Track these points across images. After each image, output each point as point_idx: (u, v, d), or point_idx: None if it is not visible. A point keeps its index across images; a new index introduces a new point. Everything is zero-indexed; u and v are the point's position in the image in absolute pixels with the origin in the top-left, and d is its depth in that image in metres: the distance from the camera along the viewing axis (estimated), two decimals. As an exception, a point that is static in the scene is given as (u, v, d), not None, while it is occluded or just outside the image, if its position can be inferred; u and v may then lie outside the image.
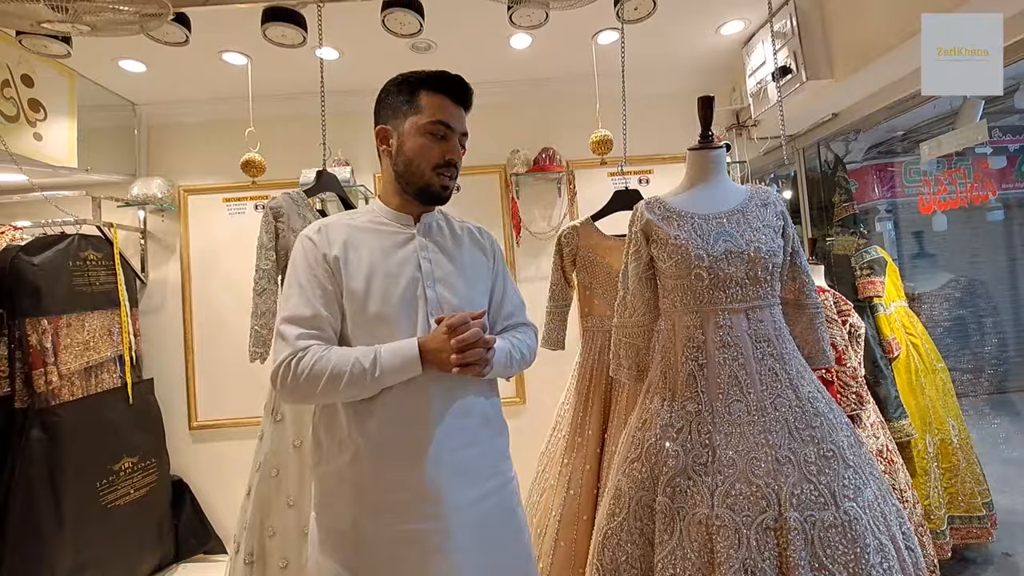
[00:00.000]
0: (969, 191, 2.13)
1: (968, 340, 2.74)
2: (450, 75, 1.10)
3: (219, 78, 2.44)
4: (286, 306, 1.00)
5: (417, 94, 1.07)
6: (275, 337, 1.00)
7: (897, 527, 1.15)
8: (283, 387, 0.97)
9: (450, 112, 1.08)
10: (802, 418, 1.14)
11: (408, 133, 1.06)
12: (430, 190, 1.07)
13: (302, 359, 0.95)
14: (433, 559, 0.97)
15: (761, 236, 1.22)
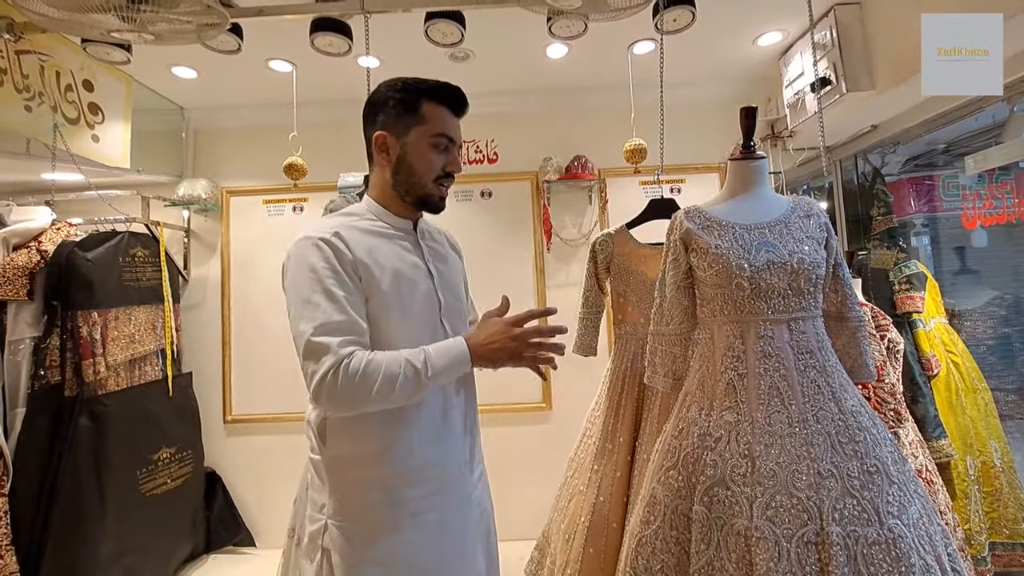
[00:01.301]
0: (1017, 206, 2.07)
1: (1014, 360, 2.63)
2: (451, 86, 1.10)
3: (265, 85, 2.53)
4: (314, 315, 0.92)
5: (419, 104, 1.06)
6: (307, 350, 0.91)
7: (943, 548, 1.12)
8: (332, 396, 0.91)
9: (451, 124, 1.09)
10: (845, 432, 1.13)
11: (412, 144, 1.05)
12: (430, 200, 1.09)
13: (349, 364, 0.91)
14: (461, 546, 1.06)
15: (804, 247, 1.22)
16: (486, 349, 0.99)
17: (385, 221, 1.09)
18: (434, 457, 1.04)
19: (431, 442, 1.04)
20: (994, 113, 2.27)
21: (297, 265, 0.97)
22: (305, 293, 0.94)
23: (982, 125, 2.60)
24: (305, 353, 0.92)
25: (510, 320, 1.01)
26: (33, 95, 1.97)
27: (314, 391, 0.91)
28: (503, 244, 2.71)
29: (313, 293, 0.94)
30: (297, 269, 0.97)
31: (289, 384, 2.59)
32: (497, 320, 1.03)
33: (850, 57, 2.05)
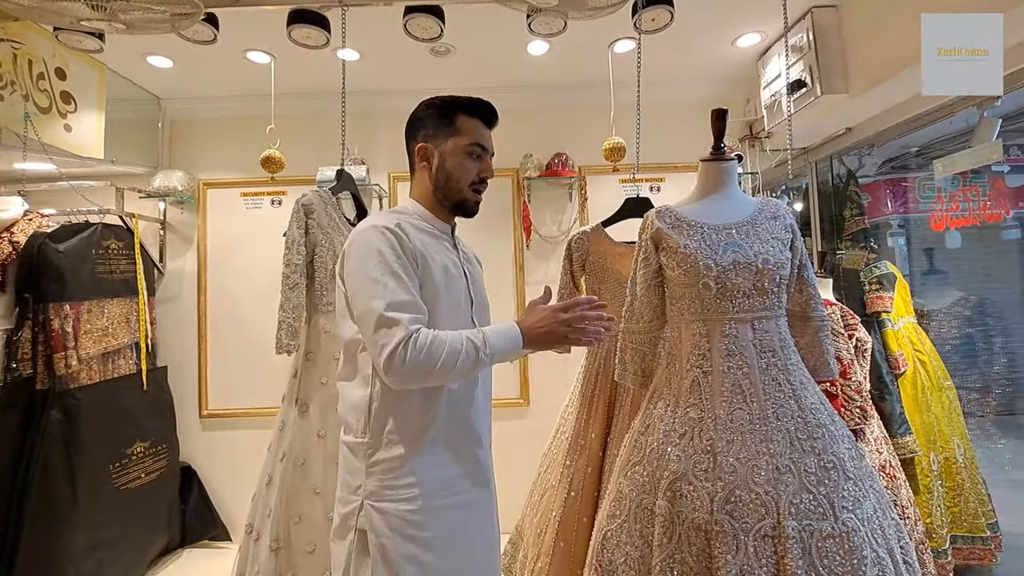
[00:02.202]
0: (982, 209, 2.13)
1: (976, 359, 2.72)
2: (484, 102, 1.20)
3: (242, 76, 2.50)
4: (384, 293, 1.00)
5: (456, 117, 1.16)
6: (379, 323, 0.98)
7: (896, 541, 1.16)
8: (401, 367, 0.97)
9: (484, 135, 1.19)
10: (804, 428, 1.16)
11: (450, 153, 1.15)
12: (466, 204, 1.19)
13: (417, 339, 0.98)
14: (485, 523, 1.16)
15: (769, 248, 1.24)
16: (536, 332, 1.08)
17: (429, 221, 1.18)
18: (468, 439, 1.14)
19: (465, 424, 1.13)
20: (967, 118, 2.32)
21: (364, 249, 1.05)
22: (374, 274, 1.02)
23: (956, 129, 2.66)
24: (376, 326, 0.99)
25: (558, 307, 1.10)
26: (5, 83, 1.93)
27: (385, 362, 0.97)
28: (483, 240, 2.70)
29: (382, 274, 1.02)
30: (364, 252, 1.04)
31: (266, 379, 2.58)
32: (544, 307, 1.11)
33: (826, 60, 2.09)
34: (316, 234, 1.82)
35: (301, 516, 1.77)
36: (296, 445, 1.81)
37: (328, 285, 1.85)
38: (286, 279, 1.78)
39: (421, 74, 2.57)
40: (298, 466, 1.80)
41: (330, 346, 1.84)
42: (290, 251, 1.78)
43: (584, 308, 1.09)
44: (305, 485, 1.79)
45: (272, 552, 1.70)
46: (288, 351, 1.80)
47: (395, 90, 2.70)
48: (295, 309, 1.79)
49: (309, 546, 1.76)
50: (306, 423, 1.83)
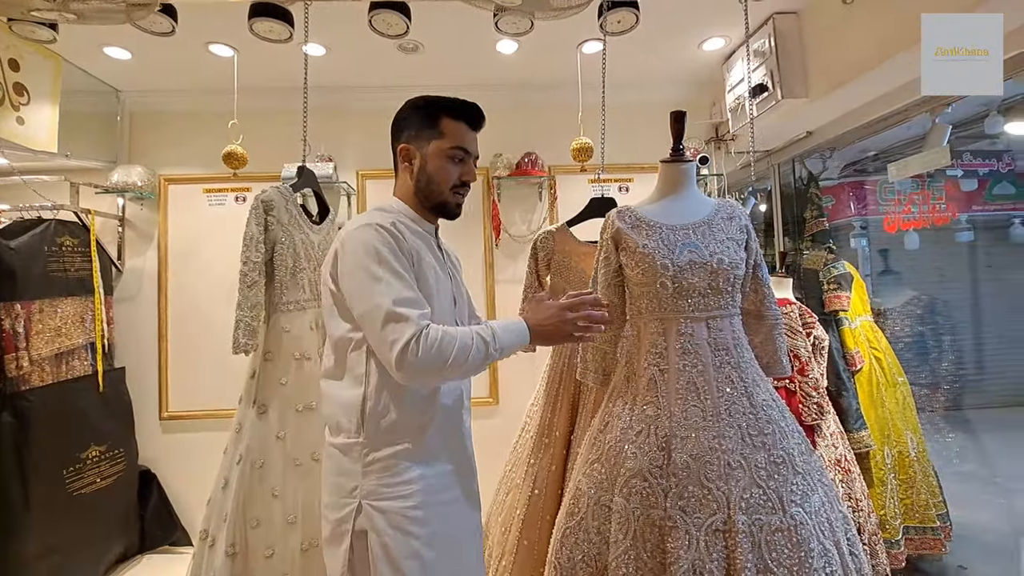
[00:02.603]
0: (931, 212, 2.22)
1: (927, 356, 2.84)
2: (469, 104, 1.19)
3: (205, 69, 2.44)
4: (389, 290, 0.99)
5: (439, 119, 1.15)
6: (387, 319, 0.97)
7: (842, 533, 1.19)
8: (414, 362, 0.96)
9: (468, 138, 1.17)
10: (755, 424, 1.18)
11: (432, 155, 1.14)
12: (447, 207, 1.18)
13: (428, 335, 0.98)
14: (472, 518, 1.17)
15: (724, 248, 1.27)
16: (543, 328, 1.10)
17: (415, 222, 1.17)
18: (458, 435, 1.16)
19: (455, 421, 1.16)
20: (923, 123, 2.40)
21: (361, 248, 1.03)
22: (376, 271, 1.01)
23: (914, 134, 2.75)
24: (384, 323, 0.98)
25: (564, 305, 1.12)
26: (-46, 74, 1.85)
27: (397, 358, 0.96)
28: (452, 239, 2.65)
29: (384, 272, 1.01)
30: (363, 251, 1.03)
31: (229, 380, 2.51)
32: (551, 304, 1.13)
33: (787, 65, 2.14)
34: (276, 231, 1.79)
35: (259, 520, 1.73)
36: (254, 447, 1.77)
37: (288, 284, 1.81)
38: (244, 277, 1.74)
39: (390, 71, 2.55)
40: (256, 468, 1.76)
41: (290, 346, 1.81)
42: (248, 248, 1.75)
43: (589, 308, 1.12)
44: (263, 488, 1.75)
45: (228, 557, 1.67)
46: (246, 351, 1.76)
47: (364, 86, 2.66)
48: (253, 308, 1.75)
49: (267, 550, 1.72)
50: (264, 424, 1.79)
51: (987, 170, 4.02)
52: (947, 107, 2.04)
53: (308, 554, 1.75)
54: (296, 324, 1.85)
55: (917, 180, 4.03)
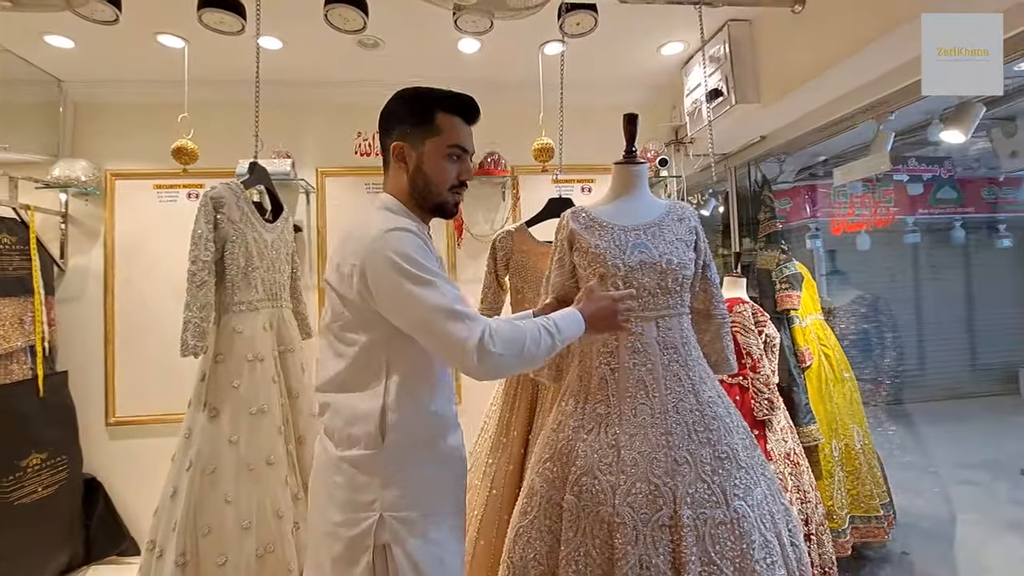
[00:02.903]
0: (874, 215, 2.33)
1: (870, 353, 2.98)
2: (464, 96, 1.13)
3: (153, 60, 2.35)
4: (442, 291, 0.98)
5: (434, 114, 1.09)
6: (452, 319, 0.96)
7: (784, 525, 1.23)
8: (490, 356, 0.96)
9: (465, 134, 1.13)
10: (701, 421, 1.21)
11: (428, 154, 1.09)
12: (445, 207, 1.14)
13: (496, 330, 0.98)
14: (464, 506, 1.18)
15: (673, 249, 1.29)
16: (596, 320, 1.13)
17: (417, 224, 1.13)
18: (458, 440, 1.16)
19: (455, 428, 1.15)
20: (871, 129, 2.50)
21: (397, 255, 0.98)
22: (422, 277, 0.98)
23: (865, 139, 2.87)
24: (450, 324, 0.96)
25: (616, 296, 1.16)
26: None
27: (476, 355, 0.95)
28: (415, 238, 2.68)
29: (428, 275, 0.98)
30: (399, 259, 0.98)
31: (179, 383, 2.43)
32: (605, 296, 1.16)
33: (740, 71, 2.19)
34: (226, 229, 1.73)
35: (211, 527, 1.68)
36: (205, 452, 1.72)
37: (240, 283, 1.76)
38: (193, 277, 1.69)
39: (349, 66, 2.50)
40: (207, 475, 1.70)
41: (242, 347, 1.76)
42: (197, 247, 1.69)
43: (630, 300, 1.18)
44: (215, 494, 1.70)
45: (178, 567, 1.61)
46: (195, 353, 1.70)
47: (322, 81, 2.61)
48: (203, 309, 1.69)
49: (220, 558, 1.67)
50: (216, 429, 1.73)
51: (930, 175, 4.23)
52: (890, 114, 2.13)
53: (264, 560, 1.71)
54: (248, 325, 1.80)
55: (867, 184, 4.22)
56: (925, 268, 5.20)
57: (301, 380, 1.95)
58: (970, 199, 4.96)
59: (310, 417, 1.93)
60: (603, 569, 1.13)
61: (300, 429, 1.92)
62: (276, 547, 1.73)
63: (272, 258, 1.86)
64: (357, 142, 2.75)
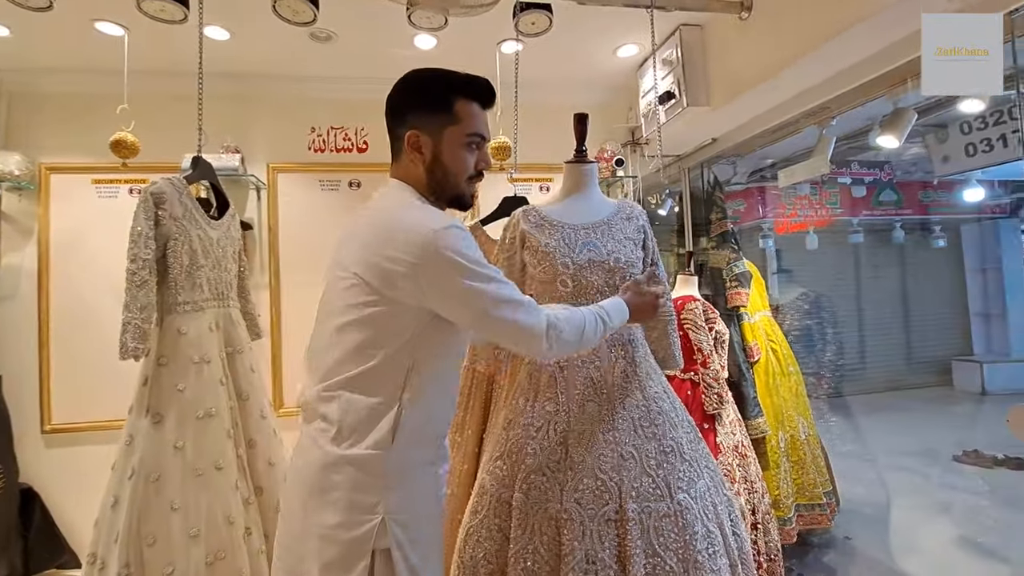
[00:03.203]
0: (814, 216, 2.44)
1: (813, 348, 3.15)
2: (481, 80, 1.08)
3: (92, 48, 2.24)
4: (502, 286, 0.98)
5: (452, 101, 1.04)
6: (519, 310, 0.97)
7: (726, 515, 1.28)
8: (558, 340, 1.01)
9: (482, 121, 1.08)
10: (647, 416, 1.24)
11: (447, 144, 1.04)
12: (463, 199, 1.10)
13: (556, 315, 1.02)
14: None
15: (621, 247, 1.32)
16: (638, 311, 1.18)
17: None
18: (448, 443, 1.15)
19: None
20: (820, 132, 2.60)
21: (459, 251, 0.94)
22: (482, 272, 0.96)
23: (811, 144, 3.00)
24: (520, 313, 0.98)
25: (659, 292, 1.23)
26: None
27: (547, 340, 0.99)
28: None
29: (487, 270, 0.97)
30: (462, 255, 0.95)
31: (120, 388, 2.31)
32: (650, 292, 1.22)
33: (692, 74, 2.25)
34: (168, 226, 1.67)
35: (156, 537, 1.62)
36: (148, 459, 1.65)
37: (184, 283, 1.70)
38: (132, 276, 1.62)
39: (301, 59, 2.45)
40: (151, 482, 1.64)
41: (187, 349, 1.70)
42: (136, 245, 1.62)
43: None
44: (160, 502, 1.63)
45: (123, 580, 1.55)
46: (135, 356, 1.63)
47: (274, 74, 2.54)
48: (143, 310, 1.63)
49: (167, 567, 1.61)
50: (160, 434, 1.67)
51: (872, 179, 4.46)
52: (832, 119, 2.23)
53: (214, 568, 1.66)
54: (193, 326, 1.73)
55: (815, 186, 4.41)
56: (868, 267, 5.48)
57: (251, 382, 1.89)
58: (909, 201, 5.26)
59: (260, 420, 1.89)
60: (551, 566, 1.14)
61: (250, 432, 1.87)
62: (227, 554, 1.68)
63: (218, 256, 1.80)
64: (311, 137, 2.69)
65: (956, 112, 3.02)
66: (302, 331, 2.57)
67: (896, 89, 1.80)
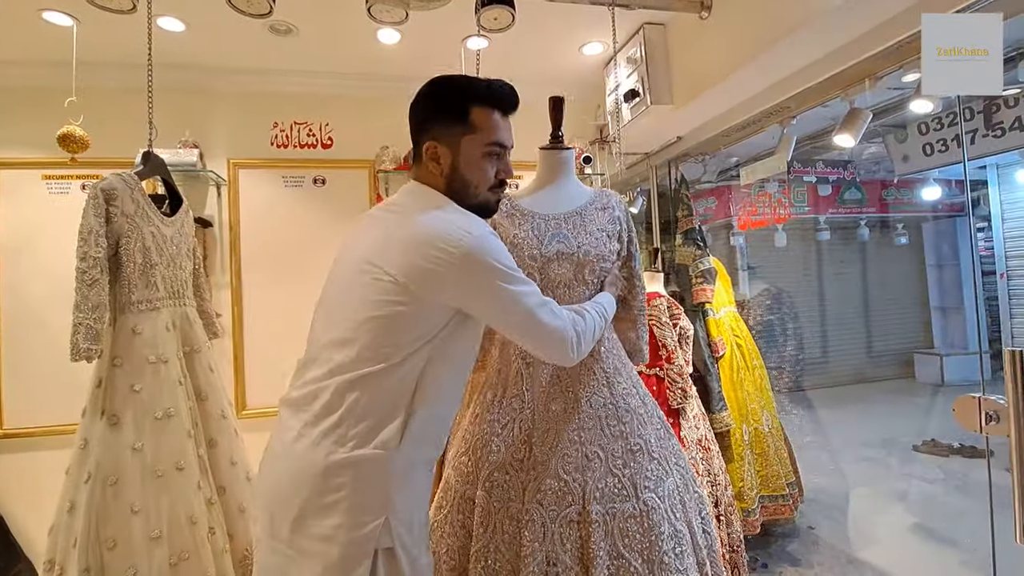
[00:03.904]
0: (773, 212, 2.50)
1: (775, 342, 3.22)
2: (501, 86, 1.06)
3: (39, 39, 2.15)
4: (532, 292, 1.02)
5: (469, 110, 1.03)
6: (548, 317, 1.02)
7: (696, 513, 1.26)
8: (580, 345, 1.06)
9: (504, 129, 1.07)
10: (614, 414, 1.23)
11: (464, 155, 1.03)
12: (487, 207, 1.09)
13: (576, 321, 1.07)
14: None
15: (592, 240, 1.28)
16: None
17: None
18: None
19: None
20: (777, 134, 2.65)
21: (496, 257, 0.97)
22: (518, 276, 1.00)
23: (775, 143, 3.05)
24: (550, 320, 1.02)
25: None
26: None
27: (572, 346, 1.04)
28: (335, 234, 2.59)
29: (519, 275, 1.01)
30: (499, 261, 0.98)
31: (75, 390, 2.24)
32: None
33: (655, 73, 2.27)
34: (120, 223, 1.61)
35: (116, 540, 1.57)
36: (106, 462, 1.60)
37: (138, 281, 1.64)
38: (83, 275, 1.56)
39: (261, 53, 2.39)
40: (109, 486, 1.59)
41: (142, 349, 1.64)
42: (87, 243, 1.56)
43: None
44: (119, 505, 1.59)
45: (84, 585, 1.50)
46: (87, 357, 1.58)
47: (233, 68, 2.48)
48: (95, 309, 1.57)
49: (129, 571, 1.58)
50: (117, 437, 1.62)
51: (836, 177, 4.58)
52: (793, 119, 2.27)
53: (178, 568, 1.62)
54: (148, 325, 1.68)
55: (782, 185, 4.51)
56: (834, 263, 5.63)
57: (210, 382, 1.85)
58: (872, 200, 5.42)
59: (221, 419, 1.85)
60: (512, 565, 1.14)
61: (211, 432, 1.83)
62: (191, 554, 1.65)
63: (172, 254, 1.75)
64: (273, 132, 2.63)
65: (913, 113, 3.11)
66: (265, 331, 2.56)
67: (852, 89, 1.85)
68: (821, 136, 3.38)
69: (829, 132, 3.12)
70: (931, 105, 1.92)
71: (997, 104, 3.01)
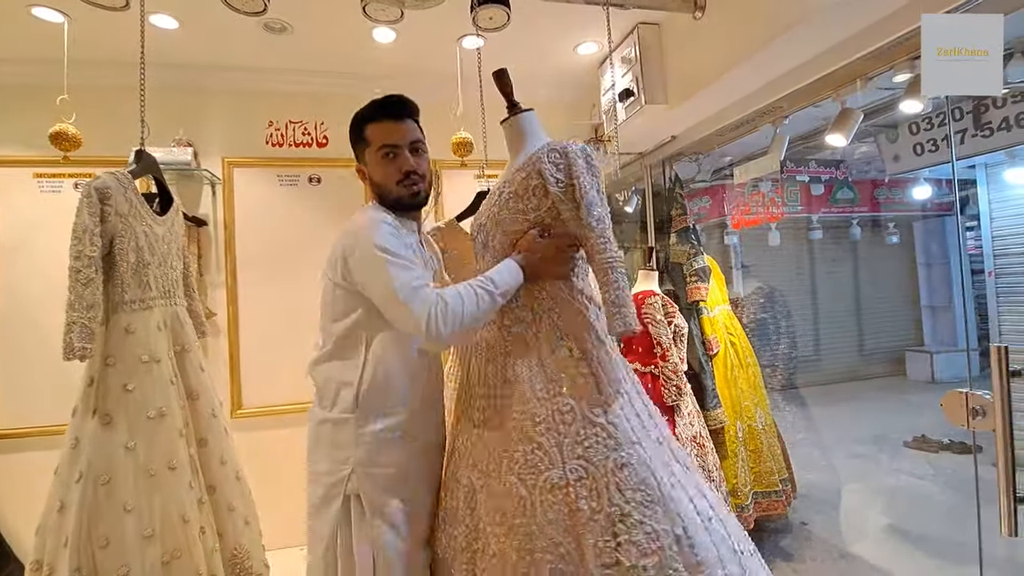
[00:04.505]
0: (767, 211, 2.52)
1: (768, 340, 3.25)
2: (385, 100, 1.27)
3: (29, 35, 2.13)
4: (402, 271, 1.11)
5: (364, 130, 1.27)
6: (407, 297, 1.09)
7: None
8: (442, 329, 1.07)
9: (392, 132, 1.25)
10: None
11: (371, 165, 1.27)
12: (402, 201, 1.27)
13: (443, 301, 1.09)
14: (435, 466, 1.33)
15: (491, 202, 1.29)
16: (534, 259, 1.19)
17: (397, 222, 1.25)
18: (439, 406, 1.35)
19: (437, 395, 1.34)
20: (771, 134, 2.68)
21: (370, 242, 1.14)
22: (387, 257, 1.12)
23: (769, 143, 3.07)
24: (405, 300, 1.09)
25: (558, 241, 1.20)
26: None
27: (426, 330, 1.07)
28: (330, 233, 2.58)
29: (394, 256, 1.13)
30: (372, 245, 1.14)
31: (68, 391, 2.23)
32: (542, 239, 1.21)
33: (649, 72, 2.28)
34: (114, 222, 1.61)
35: (109, 539, 1.57)
36: (98, 462, 1.60)
37: (131, 281, 1.64)
38: (77, 274, 1.55)
39: (256, 51, 2.38)
40: (101, 485, 1.58)
41: (135, 348, 1.64)
42: (81, 242, 1.56)
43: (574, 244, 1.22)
44: (111, 504, 1.59)
45: (76, 584, 1.50)
46: (81, 356, 1.57)
47: (228, 66, 2.47)
48: (89, 308, 1.56)
49: (121, 569, 1.57)
50: (109, 436, 1.62)
51: (828, 177, 4.61)
52: (785, 119, 2.29)
53: (170, 567, 1.62)
54: (141, 324, 1.68)
55: (775, 183, 4.55)
56: (827, 262, 5.68)
57: (201, 381, 1.85)
58: (864, 199, 5.46)
59: (211, 419, 1.85)
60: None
61: (202, 431, 1.82)
62: (183, 553, 1.65)
63: (164, 253, 1.75)
64: (269, 131, 2.63)
65: (903, 113, 3.14)
66: (260, 330, 2.54)
67: (844, 89, 1.87)
68: (813, 136, 3.40)
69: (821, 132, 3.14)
70: (921, 105, 1.94)
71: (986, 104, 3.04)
